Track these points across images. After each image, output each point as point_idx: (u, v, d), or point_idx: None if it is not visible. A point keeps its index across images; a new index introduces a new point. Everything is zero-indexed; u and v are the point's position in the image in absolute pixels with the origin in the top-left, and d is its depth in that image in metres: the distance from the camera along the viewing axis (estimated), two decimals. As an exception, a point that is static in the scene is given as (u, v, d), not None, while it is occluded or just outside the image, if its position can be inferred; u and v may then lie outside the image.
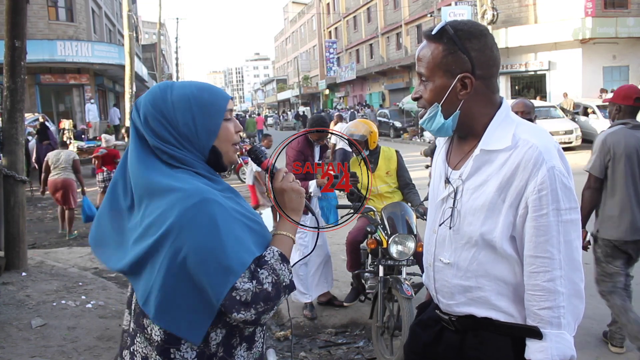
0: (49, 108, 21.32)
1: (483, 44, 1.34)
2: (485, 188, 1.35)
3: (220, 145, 1.29)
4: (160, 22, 33.25)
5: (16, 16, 4.92)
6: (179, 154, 1.24)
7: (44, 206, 10.45)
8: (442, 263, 1.46)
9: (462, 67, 1.34)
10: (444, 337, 1.52)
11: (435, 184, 1.54)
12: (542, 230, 1.27)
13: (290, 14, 62.22)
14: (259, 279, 1.19)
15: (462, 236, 1.40)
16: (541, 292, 1.29)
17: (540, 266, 1.28)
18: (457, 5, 24.51)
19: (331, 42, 45.37)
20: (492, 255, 1.36)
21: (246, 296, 1.15)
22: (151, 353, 1.23)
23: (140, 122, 1.26)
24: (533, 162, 1.27)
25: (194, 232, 1.14)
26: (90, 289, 4.72)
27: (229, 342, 1.25)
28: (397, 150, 4.33)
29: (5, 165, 4.97)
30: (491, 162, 1.34)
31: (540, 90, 23.02)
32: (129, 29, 12.66)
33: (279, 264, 1.25)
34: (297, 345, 3.96)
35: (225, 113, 1.29)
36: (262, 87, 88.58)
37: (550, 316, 1.29)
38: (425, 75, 1.38)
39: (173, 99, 1.25)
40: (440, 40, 1.35)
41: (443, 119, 1.39)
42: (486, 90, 1.38)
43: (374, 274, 4.05)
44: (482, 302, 1.39)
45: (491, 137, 1.36)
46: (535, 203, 1.27)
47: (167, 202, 1.16)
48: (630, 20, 21.56)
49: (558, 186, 1.27)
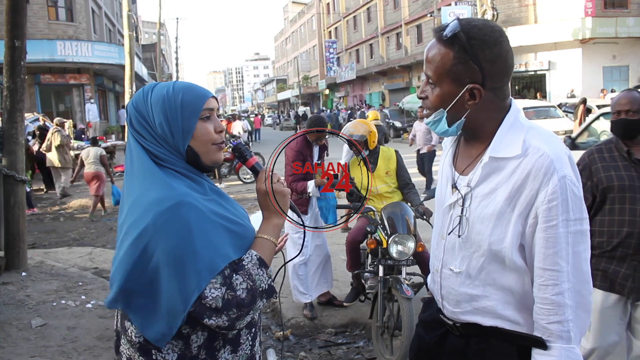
0: (49, 108, 21.29)
1: (497, 54, 1.28)
2: (495, 196, 1.31)
3: (196, 145, 1.28)
4: (160, 22, 33.19)
5: (16, 16, 4.92)
6: (162, 154, 1.26)
7: (44, 206, 10.45)
8: (452, 272, 1.43)
9: (472, 77, 1.28)
10: (447, 341, 1.51)
11: (442, 188, 1.51)
12: (551, 242, 1.25)
13: (290, 14, 62.23)
14: (231, 285, 1.19)
15: (471, 245, 1.38)
16: (550, 306, 1.27)
17: (549, 279, 1.26)
18: (457, 5, 24.51)
19: (331, 42, 45.38)
20: (500, 265, 1.34)
21: (216, 303, 1.15)
22: (134, 354, 1.25)
23: (129, 123, 1.30)
24: (544, 172, 1.24)
25: (167, 236, 1.14)
26: (90, 289, 4.72)
27: (212, 344, 1.25)
28: (397, 150, 4.33)
29: (5, 165, 4.97)
30: (500, 170, 1.31)
31: (540, 90, 23.03)
32: (129, 28, 12.65)
33: (256, 268, 1.24)
34: (297, 345, 3.96)
35: (201, 112, 1.28)
36: (262, 87, 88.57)
37: (559, 330, 1.27)
38: (433, 79, 1.34)
39: (151, 100, 1.27)
40: (452, 46, 1.28)
41: (447, 126, 1.36)
42: (495, 99, 1.33)
43: (373, 274, 4.05)
44: (488, 311, 1.38)
45: (500, 143, 1.31)
46: (546, 213, 1.24)
47: (144, 206, 1.17)
48: (630, 20, 21.58)
49: (569, 196, 1.24)
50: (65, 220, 9.25)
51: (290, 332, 4.17)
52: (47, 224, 8.96)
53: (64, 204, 10.51)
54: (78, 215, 9.58)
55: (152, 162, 1.24)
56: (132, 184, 1.25)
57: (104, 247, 7.00)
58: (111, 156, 13.86)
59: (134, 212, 1.19)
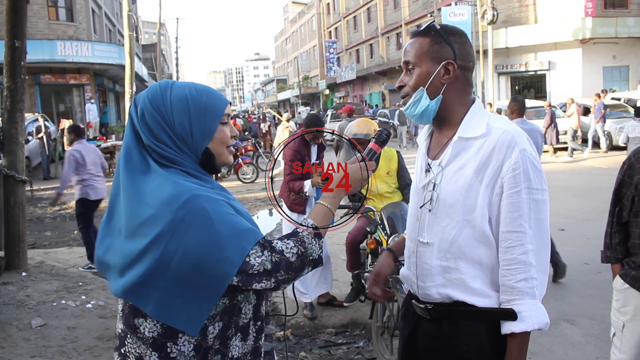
0: (49, 108, 21.29)
1: (463, 40, 1.52)
2: (464, 171, 1.45)
3: (214, 147, 1.31)
4: (160, 22, 33.19)
5: (16, 16, 4.92)
6: (170, 155, 1.26)
7: (44, 206, 10.45)
8: (422, 244, 1.54)
9: (446, 55, 1.49)
10: (420, 327, 1.59)
11: (417, 176, 1.63)
12: (515, 207, 1.38)
13: (290, 14, 62.23)
14: (275, 249, 1.22)
15: (443, 218, 1.48)
16: (517, 265, 1.39)
17: (515, 240, 1.39)
18: (457, 5, 24.50)
19: (331, 42, 45.37)
20: (471, 238, 1.44)
21: (264, 267, 1.19)
22: (146, 351, 1.24)
23: (137, 118, 1.28)
24: (507, 145, 1.40)
25: (189, 228, 1.15)
26: (90, 289, 4.72)
27: (225, 334, 1.27)
28: (398, 151, 4.33)
29: (5, 165, 4.98)
30: (468, 149, 1.46)
31: (540, 90, 23.04)
32: (129, 29, 12.65)
33: (310, 238, 1.28)
34: (297, 345, 3.96)
35: (222, 117, 1.32)
36: (262, 87, 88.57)
37: (526, 287, 1.38)
38: (412, 62, 1.52)
39: (172, 98, 1.27)
40: (428, 34, 1.51)
41: (428, 101, 1.50)
42: (464, 81, 1.53)
43: (373, 274, 4.04)
44: (459, 284, 1.47)
45: (467, 126, 1.48)
46: (510, 181, 1.38)
47: (158, 202, 1.17)
48: (630, 20, 21.58)
49: (529, 167, 1.39)
50: (65, 220, 9.25)
51: (290, 332, 4.17)
52: (47, 224, 8.95)
53: (64, 204, 10.51)
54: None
55: (153, 161, 1.25)
56: (134, 177, 1.24)
57: (104, 247, 6.98)
58: (111, 156, 13.81)
59: (146, 207, 1.18)
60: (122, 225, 1.24)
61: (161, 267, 1.17)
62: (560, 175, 10.84)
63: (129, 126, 1.30)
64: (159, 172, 1.23)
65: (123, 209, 1.24)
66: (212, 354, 1.25)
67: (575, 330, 3.82)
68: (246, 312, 1.30)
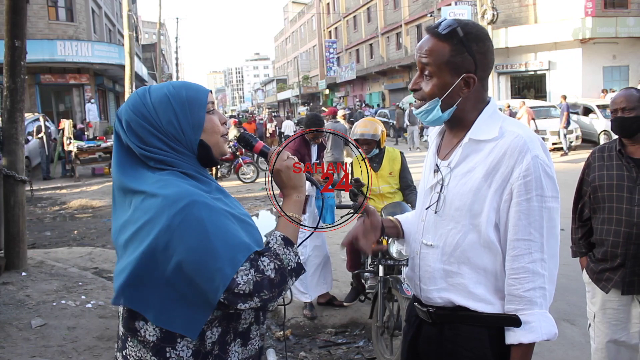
0: (49, 108, 21.30)
1: (487, 48, 1.43)
2: (473, 174, 1.40)
3: (207, 138, 1.31)
4: (160, 22, 33.22)
5: (16, 16, 4.92)
6: (165, 157, 1.25)
7: (44, 206, 10.45)
8: (426, 245, 1.50)
9: (467, 67, 1.40)
10: (422, 331, 1.57)
11: (425, 175, 1.59)
12: (525, 214, 1.34)
13: (290, 14, 62.22)
14: (258, 268, 1.19)
15: (448, 221, 1.45)
16: (525, 274, 1.34)
17: (524, 248, 1.34)
18: (457, 5, 24.50)
19: (331, 42, 45.36)
20: (475, 243, 1.40)
21: (248, 287, 1.16)
22: (145, 355, 1.24)
23: (123, 131, 1.27)
24: (519, 150, 1.34)
25: (184, 237, 1.14)
26: (90, 289, 4.72)
27: (224, 339, 1.26)
28: (402, 152, 4.33)
29: (5, 165, 4.98)
30: (479, 151, 1.41)
31: (540, 90, 23.03)
32: (129, 28, 12.66)
33: (282, 248, 1.25)
34: (297, 345, 3.96)
35: (207, 105, 1.31)
36: (262, 87, 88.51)
37: (535, 296, 1.34)
38: (431, 71, 1.43)
39: (152, 100, 1.27)
40: (450, 41, 1.40)
41: (441, 113, 1.45)
42: (481, 89, 1.46)
43: (373, 274, 4.05)
44: (461, 289, 1.43)
45: (480, 128, 1.43)
46: (520, 188, 1.34)
47: (154, 209, 1.16)
48: (630, 20, 21.56)
49: (542, 174, 1.34)
50: (65, 220, 9.25)
51: (290, 332, 4.17)
52: (47, 224, 8.96)
53: (64, 204, 10.51)
54: (78, 215, 9.59)
55: (149, 169, 1.24)
56: (133, 180, 1.24)
57: (104, 247, 7.00)
58: (111, 156, 13.81)
59: (144, 212, 1.18)
60: (119, 229, 1.25)
61: (155, 271, 1.17)
62: (560, 175, 10.82)
63: (116, 145, 1.29)
64: (155, 177, 1.22)
65: (120, 215, 1.25)
66: (211, 359, 1.25)
67: (575, 330, 3.83)
68: (246, 318, 1.29)
